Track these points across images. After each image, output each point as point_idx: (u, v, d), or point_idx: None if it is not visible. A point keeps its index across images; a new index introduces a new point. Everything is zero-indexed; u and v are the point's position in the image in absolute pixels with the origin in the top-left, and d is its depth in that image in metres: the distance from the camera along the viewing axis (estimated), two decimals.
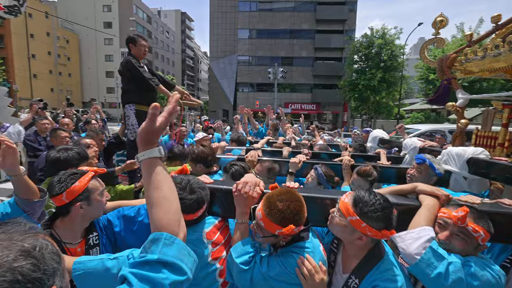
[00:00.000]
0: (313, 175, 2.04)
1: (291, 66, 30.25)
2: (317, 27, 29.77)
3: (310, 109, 31.16)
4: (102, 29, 38.78)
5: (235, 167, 1.85)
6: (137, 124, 2.82)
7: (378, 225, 0.99)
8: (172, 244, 0.66)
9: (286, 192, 1.10)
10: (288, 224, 1.02)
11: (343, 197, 1.10)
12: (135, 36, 2.83)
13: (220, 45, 37.82)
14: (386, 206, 1.01)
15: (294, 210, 1.04)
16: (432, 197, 1.24)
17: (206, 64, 66.64)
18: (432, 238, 1.06)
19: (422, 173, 1.88)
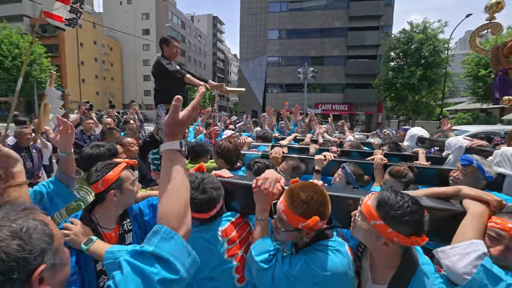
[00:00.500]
0: (341, 174, 1.93)
1: (322, 65, 29.44)
2: (350, 24, 28.60)
3: (342, 109, 30.02)
4: (141, 35, 41.57)
5: (259, 164, 1.81)
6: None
7: (407, 230, 0.86)
8: (171, 239, 0.63)
9: (309, 184, 1.05)
10: (312, 215, 0.95)
11: (366, 199, 0.98)
12: (168, 37, 2.92)
13: (250, 47, 38.23)
14: (416, 209, 0.88)
15: (318, 200, 0.98)
16: (479, 203, 1.05)
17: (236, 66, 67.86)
18: (484, 254, 0.89)
19: (468, 176, 1.67)
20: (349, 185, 1.90)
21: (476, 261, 0.88)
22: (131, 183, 1.31)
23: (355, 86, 29.41)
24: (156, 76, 2.87)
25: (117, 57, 45.68)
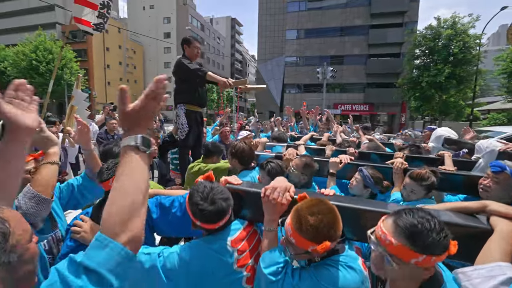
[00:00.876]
0: (358, 177, 1.82)
1: (342, 65, 28.75)
2: (372, 22, 27.69)
3: (362, 110, 29.12)
4: (162, 39, 42.97)
5: (272, 164, 1.80)
6: (186, 123, 2.92)
7: (441, 250, 0.78)
8: (105, 247, 0.55)
9: (317, 204, 0.97)
10: (323, 240, 0.89)
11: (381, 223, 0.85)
12: (190, 38, 2.98)
13: (268, 47, 38.23)
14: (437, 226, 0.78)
15: (328, 224, 0.91)
16: (509, 221, 0.95)
17: (254, 67, 68.04)
18: (510, 279, 0.79)
19: (500, 184, 1.50)
20: (366, 189, 1.79)
21: (501, 286, 0.79)
22: None
23: (376, 85, 28.40)
24: (177, 76, 2.91)
25: (140, 60, 47.54)
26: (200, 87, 2.96)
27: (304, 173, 1.83)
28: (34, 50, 25.36)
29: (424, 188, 1.65)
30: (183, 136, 2.94)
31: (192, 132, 2.98)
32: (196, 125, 3.07)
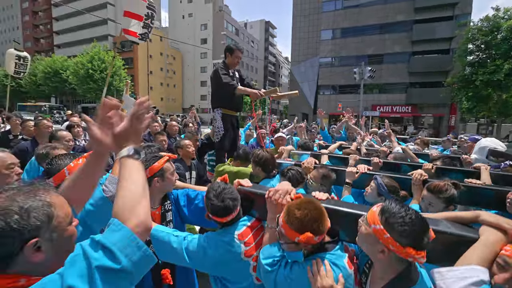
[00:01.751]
0: (373, 185, 1.83)
1: (381, 64, 27.11)
2: (416, 16, 25.65)
3: (404, 111, 27.06)
4: (199, 45, 45.08)
5: (292, 171, 1.91)
6: (222, 127, 3.03)
7: (403, 240, 0.88)
8: (119, 231, 0.67)
9: (306, 202, 1.12)
10: (305, 231, 1.03)
11: (374, 207, 1.02)
12: (233, 47, 3.05)
13: (302, 49, 37.72)
14: (417, 223, 0.90)
15: (312, 218, 1.05)
16: (497, 231, 0.99)
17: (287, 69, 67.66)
18: (482, 281, 0.85)
19: None
20: (380, 197, 1.77)
21: (471, 286, 0.84)
22: (170, 173, 1.59)
23: (420, 85, 26.20)
24: (214, 82, 3.03)
25: (178, 66, 50.48)
26: (234, 95, 3.05)
27: (323, 184, 1.89)
28: (90, 60, 28.48)
29: (442, 201, 1.57)
30: (219, 139, 3.06)
31: (228, 135, 3.08)
32: (232, 128, 3.17)
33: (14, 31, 54.51)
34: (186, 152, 2.74)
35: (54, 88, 35.90)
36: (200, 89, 48.46)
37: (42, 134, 3.10)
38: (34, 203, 0.67)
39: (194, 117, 5.98)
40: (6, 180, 1.47)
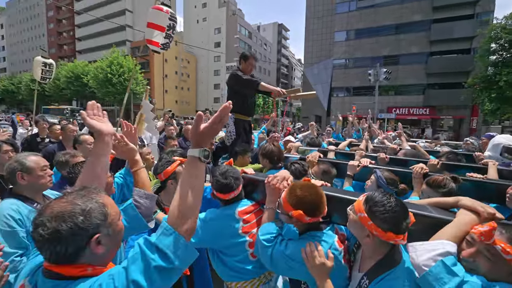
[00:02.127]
0: (373, 178, 1.91)
1: (397, 65, 26.44)
2: (434, 16, 24.83)
3: (422, 113, 26.19)
4: (213, 48, 45.79)
5: (296, 165, 2.05)
6: (234, 131, 3.09)
7: (384, 226, 1.00)
8: (170, 235, 0.78)
9: (309, 185, 1.27)
10: (299, 209, 1.19)
11: (360, 197, 1.13)
12: (248, 54, 3.12)
13: (315, 51, 37.45)
14: (397, 210, 1.01)
15: (309, 200, 1.20)
16: (470, 213, 1.10)
17: (300, 71, 67.31)
18: (447, 252, 0.97)
19: None
20: (380, 189, 1.79)
21: (437, 256, 0.96)
22: None
23: (439, 86, 25.29)
24: (231, 87, 3.09)
25: (193, 69, 51.45)
26: (250, 97, 3.10)
27: (324, 179, 1.96)
28: (109, 65, 29.62)
29: (440, 195, 1.58)
30: (229, 143, 3.13)
31: (240, 139, 3.13)
32: (245, 133, 3.23)
33: (40, 38, 57.66)
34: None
35: (76, 91, 37.59)
36: (214, 92, 49.12)
37: (68, 137, 3.32)
38: (92, 205, 0.79)
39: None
40: (41, 180, 1.61)
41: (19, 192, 1.56)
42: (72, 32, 52.62)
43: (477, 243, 0.96)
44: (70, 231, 0.72)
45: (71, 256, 0.75)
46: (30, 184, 1.56)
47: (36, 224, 0.73)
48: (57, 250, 0.73)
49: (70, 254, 0.74)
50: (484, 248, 0.93)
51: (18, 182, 1.55)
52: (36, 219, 0.74)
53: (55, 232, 0.71)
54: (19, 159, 1.59)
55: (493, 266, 0.91)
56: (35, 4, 56.02)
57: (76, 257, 0.76)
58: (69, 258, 0.75)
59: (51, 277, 0.76)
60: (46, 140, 4.05)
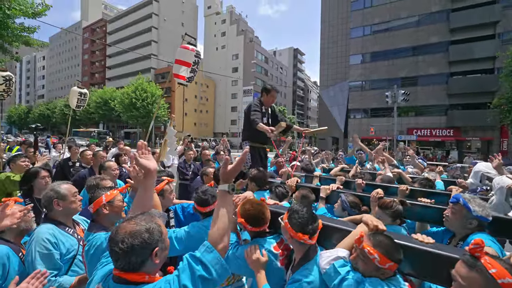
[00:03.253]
0: (339, 202, 2.20)
1: (415, 86, 26.06)
2: (452, 37, 24.67)
3: (445, 135, 25.13)
4: (231, 73, 47.85)
5: (279, 188, 2.34)
6: (250, 159, 3.18)
7: (295, 228, 1.36)
8: (211, 252, 1.00)
9: (256, 203, 1.59)
10: (242, 218, 1.55)
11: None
12: (270, 87, 3.26)
13: (330, 74, 38.01)
14: (306, 217, 1.38)
15: (251, 213, 1.54)
16: (364, 225, 1.39)
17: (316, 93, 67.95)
18: (338, 257, 1.29)
19: (456, 214, 1.69)
20: (344, 211, 2.13)
21: (332, 261, 1.29)
22: (169, 193, 2.10)
23: (462, 107, 24.40)
24: (246, 116, 3.24)
25: (211, 93, 53.65)
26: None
27: (303, 203, 2.17)
28: (134, 91, 31.68)
29: (388, 215, 1.90)
30: (246, 170, 3.21)
31: (255, 166, 3.21)
32: (260, 159, 3.31)
33: (75, 68, 63.48)
34: (209, 179, 3.09)
35: (103, 115, 40.23)
36: (231, 114, 50.50)
37: (98, 163, 3.58)
38: (153, 225, 1.00)
39: (225, 145, 6.28)
40: (73, 205, 1.78)
41: (54, 217, 1.72)
42: (103, 61, 57.52)
43: (358, 249, 1.24)
44: (140, 245, 0.93)
45: (138, 265, 0.95)
46: (65, 209, 1.73)
47: (116, 241, 0.93)
48: (131, 260, 0.93)
49: (138, 263, 0.95)
50: (360, 252, 1.22)
51: (54, 209, 1.71)
52: (115, 237, 0.94)
53: (131, 246, 0.92)
54: (54, 188, 1.76)
55: (365, 265, 1.21)
56: (73, 38, 62.44)
57: (140, 267, 0.96)
58: (135, 267, 0.95)
59: (120, 282, 0.96)
60: (77, 165, 4.36)
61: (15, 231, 1.61)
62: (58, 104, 48.46)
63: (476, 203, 1.63)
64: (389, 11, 27.81)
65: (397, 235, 1.33)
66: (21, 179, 2.36)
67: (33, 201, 2.16)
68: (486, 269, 0.92)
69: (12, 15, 8.16)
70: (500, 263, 0.93)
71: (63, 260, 1.59)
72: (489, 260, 0.94)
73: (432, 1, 25.61)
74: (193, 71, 4.15)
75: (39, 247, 1.52)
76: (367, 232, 1.31)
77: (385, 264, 1.15)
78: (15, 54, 10.63)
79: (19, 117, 58.81)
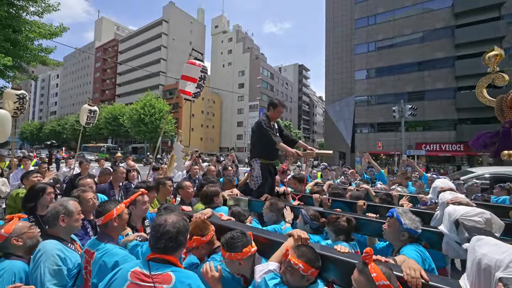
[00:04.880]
0: (300, 216, 2.33)
1: (422, 101, 25.93)
2: (457, 53, 24.79)
3: (455, 150, 24.61)
4: (237, 89, 48.75)
5: (235, 208, 2.42)
6: (260, 175, 3.09)
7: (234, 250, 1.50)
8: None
9: (199, 222, 1.75)
10: (192, 236, 1.64)
11: None
12: (277, 102, 3.18)
13: (336, 89, 38.31)
14: (235, 238, 1.52)
15: (196, 229, 1.67)
16: (291, 241, 1.53)
17: (321, 107, 68.31)
18: (269, 270, 1.41)
19: (391, 227, 1.82)
20: (306, 224, 2.27)
21: (263, 274, 1.39)
22: (141, 203, 2.21)
23: (472, 121, 24.03)
24: (256, 133, 3.18)
25: (218, 109, 54.50)
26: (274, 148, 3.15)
27: (272, 210, 2.42)
28: (142, 107, 32.41)
29: (332, 231, 2.03)
30: (256, 187, 3.11)
31: (266, 182, 3.13)
32: (270, 176, 3.22)
33: (87, 85, 65.80)
34: (186, 192, 3.16)
35: (112, 130, 41.03)
36: (237, 129, 50.90)
37: (117, 178, 3.76)
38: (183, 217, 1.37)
39: (232, 161, 6.24)
40: (76, 223, 1.74)
41: (56, 234, 1.67)
42: (114, 79, 59.56)
43: (285, 262, 1.35)
44: (184, 231, 1.29)
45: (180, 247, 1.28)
46: (68, 226, 1.69)
47: (167, 229, 1.25)
48: (179, 240, 1.25)
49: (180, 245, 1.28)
50: (287, 265, 1.33)
51: (58, 225, 1.66)
52: (164, 226, 1.25)
53: (179, 229, 1.26)
54: (63, 203, 1.74)
55: (292, 276, 1.31)
56: (86, 57, 65.24)
57: (176, 252, 1.27)
58: (177, 249, 1.26)
59: (160, 262, 1.22)
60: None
61: (22, 248, 1.58)
62: (69, 120, 49.88)
63: (407, 217, 1.77)
64: (393, 28, 28.33)
65: (318, 246, 1.59)
66: (26, 196, 2.31)
67: (36, 218, 2.13)
68: (370, 273, 1.13)
69: (32, 38, 8.58)
70: (381, 268, 1.14)
71: (69, 275, 1.57)
72: (374, 266, 1.15)
73: (436, 18, 26.05)
74: (199, 86, 4.19)
75: (48, 262, 1.49)
76: (292, 245, 1.47)
77: (307, 271, 1.31)
78: (31, 74, 11.08)
79: (31, 133, 60.55)
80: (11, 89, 4.97)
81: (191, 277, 1.21)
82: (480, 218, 1.50)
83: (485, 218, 1.50)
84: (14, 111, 4.81)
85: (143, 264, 1.22)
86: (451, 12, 25.44)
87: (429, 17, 26.43)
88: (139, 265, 1.21)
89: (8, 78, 9.54)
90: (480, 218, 1.50)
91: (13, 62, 7.85)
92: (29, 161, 5.67)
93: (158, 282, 1.15)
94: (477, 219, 1.51)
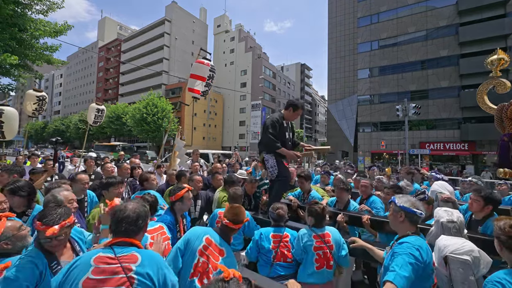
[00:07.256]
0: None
1: (426, 99, 25.77)
2: (461, 51, 24.57)
3: (459, 149, 24.41)
4: (239, 88, 48.74)
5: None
6: (276, 165, 3.03)
7: None
8: None
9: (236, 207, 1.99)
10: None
11: None
12: (299, 104, 3.08)
13: (338, 88, 38.17)
14: None
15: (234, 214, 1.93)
16: None
17: (324, 107, 68.16)
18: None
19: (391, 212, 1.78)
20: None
21: None
22: (188, 199, 2.45)
23: (476, 120, 23.81)
24: (266, 131, 3.08)
25: (220, 108, 54.54)
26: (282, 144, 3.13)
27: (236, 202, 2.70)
28: (145, 106, 32.52)
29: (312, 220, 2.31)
30: (274, 177, 3.06)
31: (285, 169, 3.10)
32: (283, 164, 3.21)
33: (90, 85, 66.13)
34: (195, 185, 3.36)
35: (115, 130, 41.22)
36: (239, 128, 50.92)
37: (122, 174, 3.86)
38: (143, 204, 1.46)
39: (237, 158, 6.26)
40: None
41: None
42: (117, 78, 59.78)
43: None
44: (144, 215, 1.38)
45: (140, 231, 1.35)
46: None
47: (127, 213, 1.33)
48: (139, 224, 1.33)
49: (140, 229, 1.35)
50: None
51: None
52: (124, 212, 1.32)
53: (138, 214, 1.35)
54: (53, 193, 1.85)
55: None
56: (90, 57, 65.58)
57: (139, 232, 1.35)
58: (137, 233, 1.33)
59: (124, 245, 1.27)
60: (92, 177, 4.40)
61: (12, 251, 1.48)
62: (72, 120, 50.20)
63: (403, 198, 1.71)
64: (396, 26, 28.15)
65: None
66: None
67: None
68: None
69: (37, 36, 8.64)
70: None
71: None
72: None
73: (440, 16, 25.83)
74: (208, 85, 4.21)
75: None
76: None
77: None
78: (36, 72, 11.17)
79: (35, 132, 61.09)
80: (32, 90, 5.07)
81: (156, 256, 1.29)
82: (468, 257, 1.50)
83: (473, 257, 1.50)
84: (32, 112, 4.94)
85: (106, 249, 1.24)
86: (455, 10, 25.22)
87: (433, 15, 26.22)
88: (101, 251, 1.22)
89: (14, 77, 9.62)
90: (468, 257, 1.50)
91: (18, 61, 7.91)
92: (37, 158, 5.78)
93: (125, 262, 1.19)
94: (465, 257, 1.50)
